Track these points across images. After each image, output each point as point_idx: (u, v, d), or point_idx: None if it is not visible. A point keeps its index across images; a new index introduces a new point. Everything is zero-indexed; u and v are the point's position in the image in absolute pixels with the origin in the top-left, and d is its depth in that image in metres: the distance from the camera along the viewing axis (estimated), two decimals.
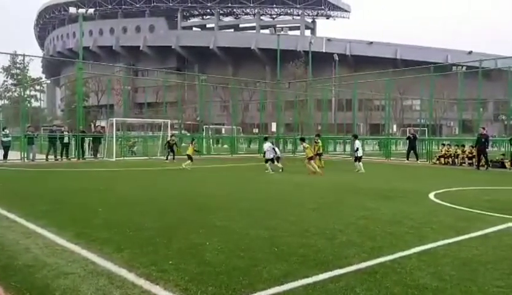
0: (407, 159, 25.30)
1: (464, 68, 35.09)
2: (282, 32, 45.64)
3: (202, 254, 5.48)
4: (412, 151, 25.42)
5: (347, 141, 34.97)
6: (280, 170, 17.66)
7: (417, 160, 24.89)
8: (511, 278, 4.70)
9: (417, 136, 27.36)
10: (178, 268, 4.88)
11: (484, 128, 21.31)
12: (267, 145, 18.59)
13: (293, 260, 5.26)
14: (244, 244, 5.99)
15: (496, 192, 12.39)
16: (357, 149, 19.05)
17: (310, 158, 17.25)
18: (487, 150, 21.05)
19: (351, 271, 4.86)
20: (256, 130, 50.26)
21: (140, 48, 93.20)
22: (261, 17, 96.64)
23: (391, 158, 27.47)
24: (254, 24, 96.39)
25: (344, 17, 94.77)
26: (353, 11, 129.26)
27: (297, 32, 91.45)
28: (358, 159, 18.82)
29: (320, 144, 21.12)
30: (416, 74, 35.33)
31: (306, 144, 17.94)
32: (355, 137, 20.43)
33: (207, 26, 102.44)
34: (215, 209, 9.01)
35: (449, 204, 9.65)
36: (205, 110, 39.68)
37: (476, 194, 11.88)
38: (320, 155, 20.26)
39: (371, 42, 79.99)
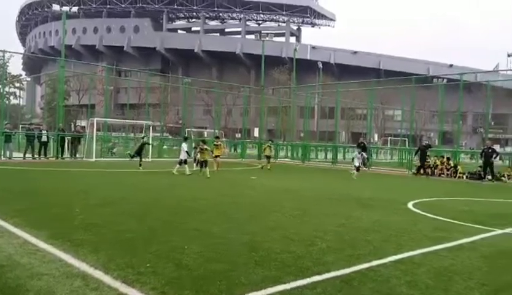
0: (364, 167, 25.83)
1: (445, 80, 35.80)
2: (267, 38, 45.89)
3: (181, 258, 5.43)
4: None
5: (329, 148, 35.24)
6: (188, 173, 17.63)
7: (364, 167, 25.36)
8: (484, 288, 4.78)
9: (366, 145, 27.64)
10: (156, 272, 4.83)
11: (490, 140, 22.82)
12: (185, 146, 18.50)
13: (271, 266, 5.26)
14: (224, 249, 5.96)
15: (473, 203, 12.62)
16: (352, 159, 20.60)
17: (216, 156, 19.87)
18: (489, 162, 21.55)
19: (329, 278, 4.88)
20: (238, 135, 50.27)
21: (124, 49, 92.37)
22: (247, 22, 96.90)
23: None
24: (240, 29, 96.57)
25: (329, 26, 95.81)
26: (338, 20, 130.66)
27: (282, 39, 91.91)
28: (356, 168, 20.15)
29: (271, 147, 24.51)
30: (398, 85, 35.86)
31: (206, 146, 18.13)
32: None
33: (193, 29, 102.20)
34: (196, 212, 8.96)
35: (427, 214, 9.79)
36: (188, 114, 39.48)
37: (453, 204, 12.08)
38: (268, 158, 23.36)
39: (355, 52, 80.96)
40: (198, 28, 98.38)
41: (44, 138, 24.43)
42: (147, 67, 75.80)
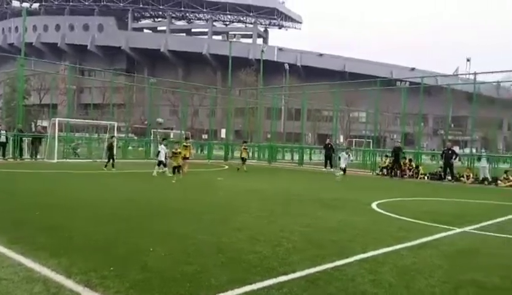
0: (325, 167, 26.23)
1: (407, 84, 36.83)
2: (234, 39, 45.81)
3: (148, 260, 5.34)
4: (328, 160, 26.38)
5: (295, 149, 35.56)
6: (163, 173, 17.75)
7: (331, 167, 25.84)
8: (445, 286, 4.93)
9: (333, 146, 28.18)
10: (120, 275, 4.72)
11: (450, 142, 23.25)
12: (164, 148, 18.44)
13: (239, 267, 5.25)
14: (192, 250, 5.91)
15: (434, 203, 13.03)
16: (339, 158, 20.79)
17: (185, 159, 18.50)
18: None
19: (295, 278, 4.91)
20: (205, 136, 50.01)
21: (88, 47, 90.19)
22: (214, 23, 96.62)
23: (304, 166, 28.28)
24: (206, 30, 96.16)
25: (295, 28, 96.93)
26: (304, 22, 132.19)
27: (249, 40, 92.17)
28: (342, 170, 20.39)
29: (247, 149, 24.72)
30: (363, 87, 36.62)
31: (180, 149, 17.50)
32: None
33: (159, 28, 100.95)
34: (164, 214, 8.84)
35: (390, 214, 10.03)
36: (154, 114, 38.92)
37: (415, 204, 12.44)
38: (244, 160, 23.03)
39: (321, 54, 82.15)
40: (164, 28, 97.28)
41: (3, 139, 23.51)
42: (111, 66, 74.26)
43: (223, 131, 41.52)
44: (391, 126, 63.03)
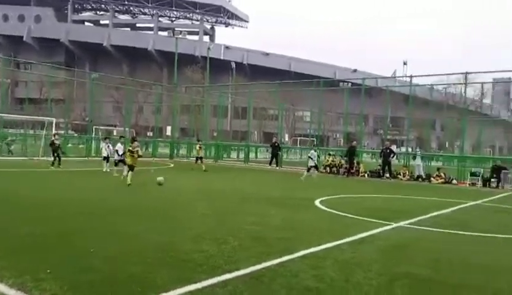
0: (270, 165, 26.79)
1: (349, 84, 38.07)
2: (180, 36, 45.14)
3: (89, 261, 5.17)
4: (274, 158, 26.92)
5: (241, 147, 35.71)
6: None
7: (276, 166, 26.38)
8: (382, 278, 5.18)
9: (279, 144, 28.59)
10: (58, 277, 4.54)
11: (388, 141, 23.90)
12: (121, 146, 18.05)
13: (184, 266, 5.23)
14: (138, 251, 5.82)
15: (373, 199, 13.60)
16: (309, 158, 19.99)
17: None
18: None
19: (240, 276, 4.96)
20: (150, 133, 48.94)
21: (24, 39, 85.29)
22: (160, 19, 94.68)
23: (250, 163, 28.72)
24: (152, 25, 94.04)
25: (242, 26, 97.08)
26: (251, 21, 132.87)
27: (196, 37, 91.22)
28: (311, 168, 19.87)
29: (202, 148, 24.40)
30: (307, 87, 37.38)
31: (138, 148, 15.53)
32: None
33: (101, 22, 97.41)
34: (110, 214, 8.59)
35: (332, 211, 10.35)
36: (96, 111, 37.57)
37: (355, 201, 12.92)
38: (201, 159, 22.62)
39: (267, 53, 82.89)
40: (107, 21, 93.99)
41: None
42: (49, 59, 70.54)
43: (169, 128, 40.80)
44: (334, 126, 64.80)
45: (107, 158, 18.56)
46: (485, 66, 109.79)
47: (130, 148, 14.72)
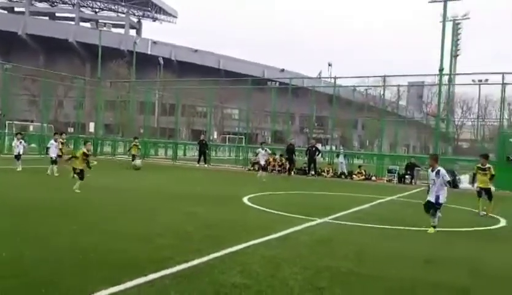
0: (198, 163, 26.72)
1: (277, 84, 38.84)
2: (104, 28, 43.26)
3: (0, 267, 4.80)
4: (203, 155, 26.97)
5: (169, 145, 35.08)
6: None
7: (205, 163, 26.49)
8: (306, 272, 5.37)
9: (207, 142, 28.65)
10: None
11: (314, 139, 24.58)
12: (52, 143, 17.11)
13: (110, 266, 5.08)
14: (63, 253, 5.56)
15: (299, 196, 14.01)
16: (257, 154, 19.74)
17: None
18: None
19: (166, 275, 4.89)
20: (71, 129, 46.47)
21: None
22: (82, 9, 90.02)
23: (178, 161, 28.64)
24: (73, 15, 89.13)
25: (170, 22, 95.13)
26: (180, 17, 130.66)
27: (121, 31, 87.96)
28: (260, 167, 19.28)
29: (139, 146, 23.77)
30: (236, 85, 37.60)
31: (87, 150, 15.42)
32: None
33: (16, 9, 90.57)
34: (33, 216, 8.01)
35: (259, 207, 10.51)
36: (9, 104, 34.89)
37: (282, 198, 13.24)
38: (134, 156, 22.08)
39: (196, 50, 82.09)
40: (23, 9, 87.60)
41: None
42: None
43: (92, 124, 38.97)
44: (262, 124, 65.82)
45: (18, 156, 17.19)
46: (404, 68, 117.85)
47: (85, 150, 12.42)
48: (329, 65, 68.89)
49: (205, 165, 26.42)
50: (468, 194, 18.04)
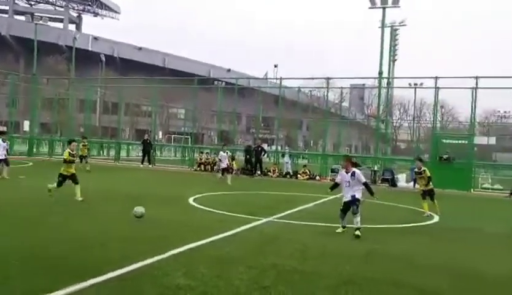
0: (142, 163, 26.24)
1: (223, 84, 38.80)
2: (41, 22, 41.17)
3: None
4: (147, 155, 26.52)
5: (112, 145, 34.01)
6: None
7: (149, 164, 26.10)
8: (252, 271, 5.41)
9: (151, 142, 28.17)
10: None
11: (260, 140, 24.62)
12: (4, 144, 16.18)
13: (48, 272, 4.86)
14: (1, 258, 5.20)
15: (245, 196, 14.08)
16: (219, 160, 18.73)
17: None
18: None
19: (108, 279, 4.74)
20: (4, 128, 43.80)
21: None
22: (16, 1, 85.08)
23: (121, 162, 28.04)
24: (6, 8, 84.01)
25: (112, 17, 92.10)
26: (124, 14, 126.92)
27: (60, 25, 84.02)
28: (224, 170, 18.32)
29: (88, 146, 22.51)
30: (182, 84, 37.11)
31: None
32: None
33: None
34: None
35: (205, 208, 10.45)
36: None
37: (229, 198, 13.23)
38: (85, 157, 20.89)
39: (140, 48, 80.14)
40: None
41: None
42: None
43: (27, 123, 36.92)
44: (208, 124, 65.52)
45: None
46: (348, 71, 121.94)
47: (70, 150, 11.30)
48: (275, 66, 69.89)
49: (150, 165, 25.89)
50: (405, 192, 18.99)
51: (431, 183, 11.89)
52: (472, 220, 11.77)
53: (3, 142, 15.86)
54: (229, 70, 77.09)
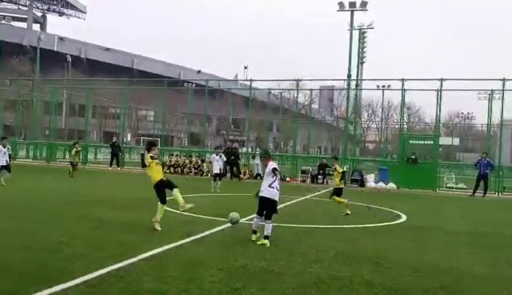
0: (110, 166, 25.88)
1: (194, 85, 38.54)
2: (3, 21, 39.92)
3: None
4: (115, 158, 26.16)
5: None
6: None
7: (118, 166, 25.75)
8: (221, 273, 5.41)
9: (119, 144, 27.69)
10: None
11: (230, 141, 24.33)
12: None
13: (9, 279, 4.71)
14: None
15: (216, 198, 14.04)
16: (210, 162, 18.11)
17: None
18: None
19: (75, 285, 4.64)
20: None
21: None
22: None
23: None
24: None
25: (79, 17, 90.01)
26: (91, 14, 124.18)
27: (24, 25, 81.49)
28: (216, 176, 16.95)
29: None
30: (151, 86, 36.68)
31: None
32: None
33: None
34: None
35: (175, 211, 10.33)
36: None
37: (199, 200, 13.12)
38: (76, 164, 20.20)
39: (108, 48, 78.67)
40: None
41: None
42: None
43: None
44: (178, 126, 64.94)
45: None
46: (318, 72, 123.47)
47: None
48: (245, 68, 70.12)
49: (118, 168, 25.45)
50: (374, 193, 19.40)
51: (342, 181, 11.96)
52: (437, 218, 12.12)
53: (4, 147, 14.94)
54: (199, 71, 76.65)
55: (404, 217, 11.39)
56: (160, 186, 8.30)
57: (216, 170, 16.58)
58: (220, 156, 17.30)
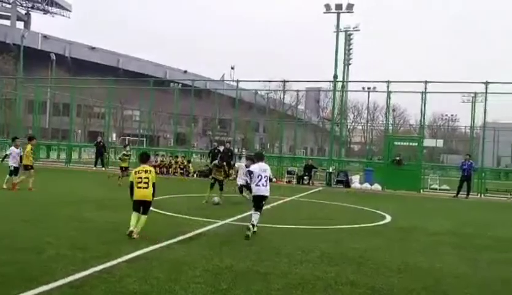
0: (95, 166, 25.64)
1: (180, 85, 38.33)
2: None
3: None
4: (100, 158, 25.93)
5: (62, 147, 32.82)
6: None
7: (102, 166, 25.52)
8: (207, 274, 5.39)
9: (105, 144, 27.35)
10: None
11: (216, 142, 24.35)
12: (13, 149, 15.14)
13: None
14: None
15: (201, 199, 13.96)
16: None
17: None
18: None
19: (58, 286, 4.58)
20: None
21: None
22: None
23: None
24: None
25: (64, 16, 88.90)
26: (76, 13, 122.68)
27: (7, 22, 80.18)
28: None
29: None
30: (137, 86, 36.39)
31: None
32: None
33: None
34: None
35: (161, 211, 10.28)
36: None
37: (185, 201, 13.10)
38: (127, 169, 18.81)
39: (94, 47, 77.84)
40: None
41: None
42: None
43: None
44: (164, 126, 64.56)
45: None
46: (304, 73, 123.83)
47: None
48: (232, 68, 69.91)
49: (103, 168, 25.19)
50: (359, 193, 19.54)
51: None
52: (421, 219, 12.26)
53: (17, 148, 14.26)
54: (185, 71, 76.31)
55: (388, 218, 11.49)
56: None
57: (241, 181, 13.29)
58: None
